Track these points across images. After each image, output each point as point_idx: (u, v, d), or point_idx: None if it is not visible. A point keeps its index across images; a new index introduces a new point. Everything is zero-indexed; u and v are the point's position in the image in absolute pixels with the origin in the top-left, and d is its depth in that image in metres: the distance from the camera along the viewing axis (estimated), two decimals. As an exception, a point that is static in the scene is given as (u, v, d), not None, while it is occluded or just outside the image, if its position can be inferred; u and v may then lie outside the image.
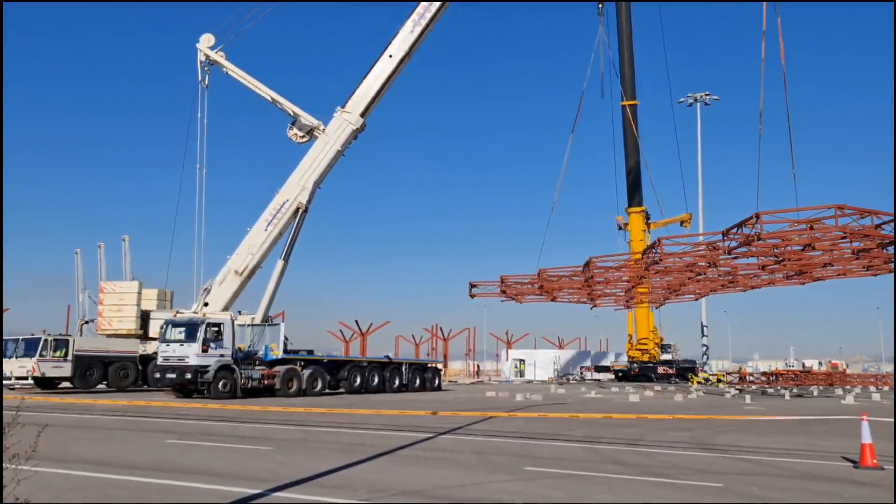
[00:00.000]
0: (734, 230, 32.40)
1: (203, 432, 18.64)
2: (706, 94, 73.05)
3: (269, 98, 43.94)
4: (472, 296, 52.61)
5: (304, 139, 44.31)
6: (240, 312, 41.74)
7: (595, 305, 60.04)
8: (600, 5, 55.03)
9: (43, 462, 10.51)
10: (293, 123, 44.41)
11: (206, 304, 40.93)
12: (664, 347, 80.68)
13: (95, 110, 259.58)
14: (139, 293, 44.80)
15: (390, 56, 44.00)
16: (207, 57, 42.82)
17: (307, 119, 44.02)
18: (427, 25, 44.27)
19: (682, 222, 75.57)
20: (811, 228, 31.73)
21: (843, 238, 33.22)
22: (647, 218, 77.64)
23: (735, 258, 38.14)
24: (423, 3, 44.28)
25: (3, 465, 7.66)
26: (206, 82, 42.88)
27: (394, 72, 44.20)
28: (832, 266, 40.69)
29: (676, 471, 12.78)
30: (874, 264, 39.42)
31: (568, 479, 11.82)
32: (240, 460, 13.38)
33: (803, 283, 45.72)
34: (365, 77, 44.53)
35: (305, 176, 43.41)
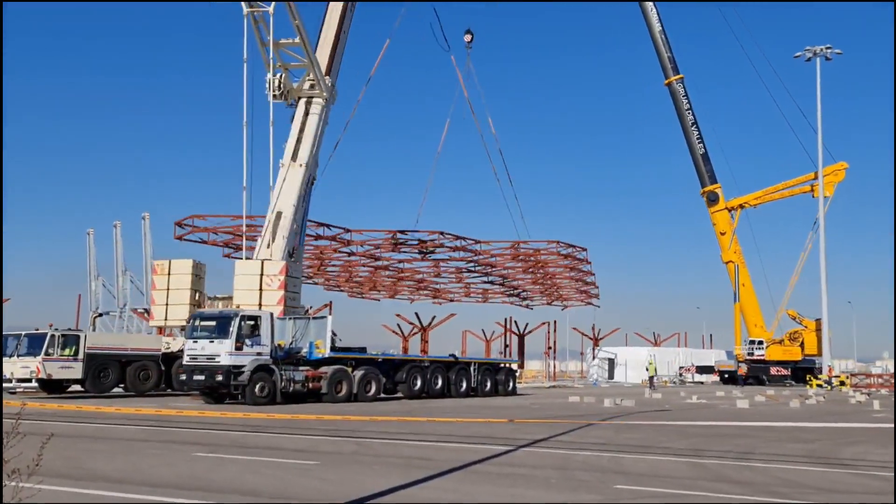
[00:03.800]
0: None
1: (237, 444, 18.78)
2: (827, 48, 72.12)
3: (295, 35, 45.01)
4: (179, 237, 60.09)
5: (278, 100, 46.01)
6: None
7: None
8: (468, 39, 58.58)
9: (49, 478, 10.64)
10: (280, 76, 45.56)
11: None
12: (752, 343, 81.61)
13: (100, 72, 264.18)
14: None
15: None
16: None
17: (322, 81, 46.10)
18: None
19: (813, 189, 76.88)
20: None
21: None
22: (712, 200, 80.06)
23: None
24: None
25: (3, 481, 7.71)
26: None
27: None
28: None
29: (794, 490, 12.70)
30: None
31: (667, 499, 11.71)
32: (280, 477, 13.42)
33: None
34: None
35: (315, 146, 46.88)
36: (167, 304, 43.60)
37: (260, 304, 41.66)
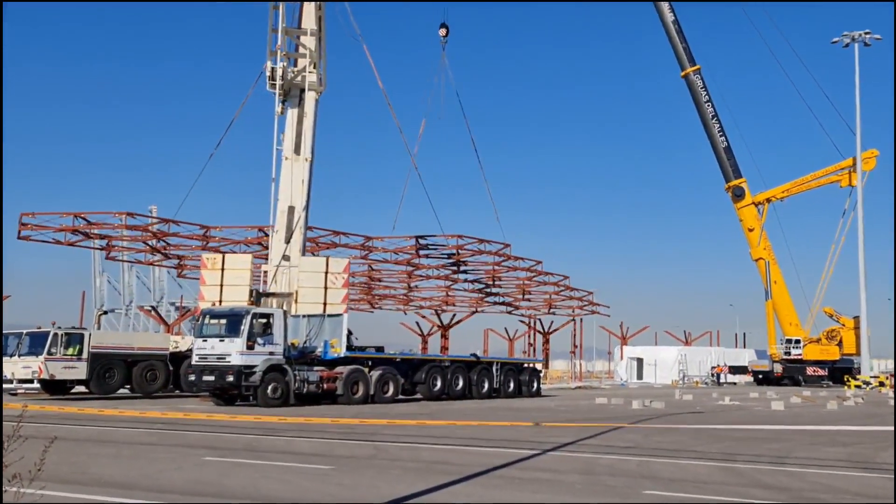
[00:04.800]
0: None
1: (249, 448, 18.79)
2: (866, 33, 71.82)
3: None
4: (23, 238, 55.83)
5: (273, 90, 45.91)
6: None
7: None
8: (443, 33, 57.45)
9: (51, 484, 10.62)
10: (284, 66, 45.41)
11: None
12: (789, 343, 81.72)
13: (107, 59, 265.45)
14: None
15: None
16: None
17: (324, 73, 46.10)
18: None
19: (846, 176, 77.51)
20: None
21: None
22: (738, 195, 79.99)
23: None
24: None
25: (3, 486, 7.69)
26: None
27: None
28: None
29: (832, 495, 12.66)
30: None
31: (700, 505, 11.66)
32: (294, 482, 13.40)
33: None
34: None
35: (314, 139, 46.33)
36: (221, 301, 43.48)
37: (325, 303, 41.84)
